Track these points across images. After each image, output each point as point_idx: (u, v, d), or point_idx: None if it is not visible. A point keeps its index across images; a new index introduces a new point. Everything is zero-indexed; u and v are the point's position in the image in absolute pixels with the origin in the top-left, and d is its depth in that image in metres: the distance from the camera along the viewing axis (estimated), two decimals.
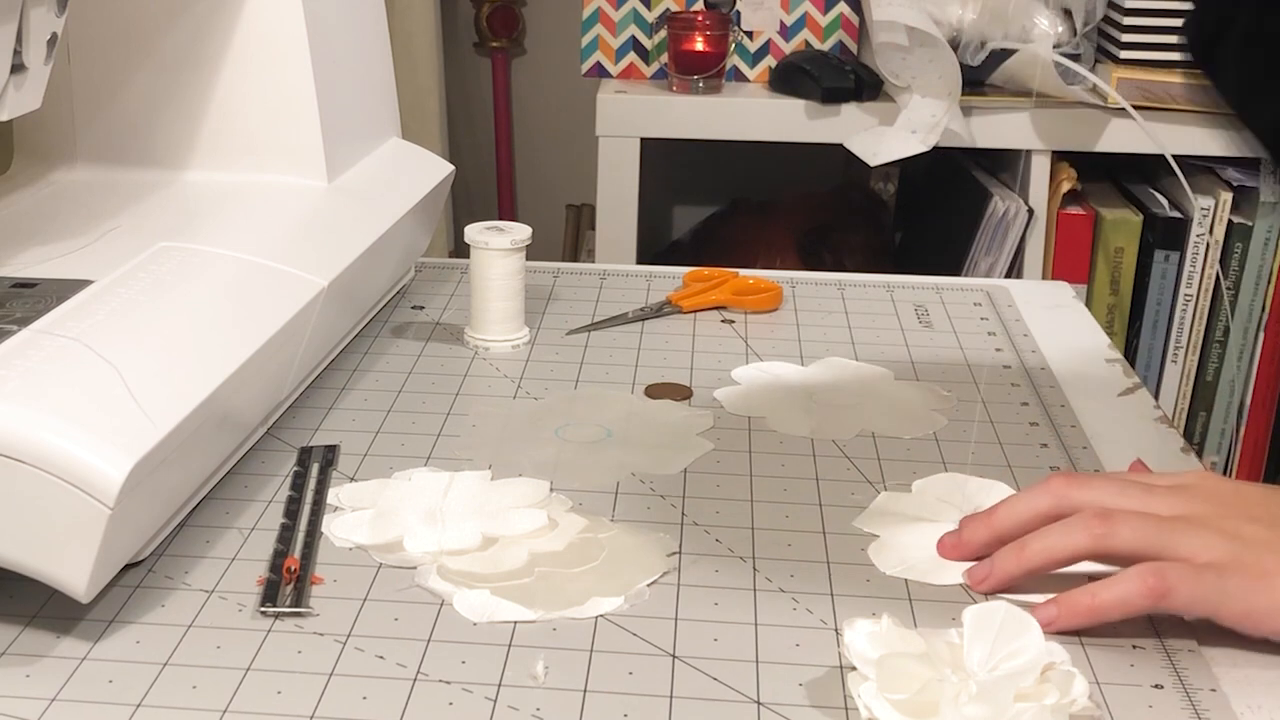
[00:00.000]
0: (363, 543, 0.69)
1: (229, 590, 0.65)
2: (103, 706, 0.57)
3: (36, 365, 0.64)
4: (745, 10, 1.84)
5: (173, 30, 0.89)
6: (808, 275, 1.09)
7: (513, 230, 0.93)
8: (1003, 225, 1.77)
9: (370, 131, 1.00)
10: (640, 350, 0.94)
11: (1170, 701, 0.58)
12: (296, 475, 0.75)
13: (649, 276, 1.08)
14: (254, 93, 0.90)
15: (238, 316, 0.75)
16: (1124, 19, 1.73)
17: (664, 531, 0.70)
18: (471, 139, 2.44)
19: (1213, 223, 1.75)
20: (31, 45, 0.71)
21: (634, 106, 1.80)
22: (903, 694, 0.55)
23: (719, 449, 0.80)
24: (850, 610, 0.64)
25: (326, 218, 0.89)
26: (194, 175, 0.91)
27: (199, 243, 0.80)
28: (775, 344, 0.96)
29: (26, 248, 0.79)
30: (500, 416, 0.84)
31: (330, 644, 0.61)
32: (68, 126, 0.92)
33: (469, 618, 0.63)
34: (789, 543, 0.70)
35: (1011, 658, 0.57)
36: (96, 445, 0.60)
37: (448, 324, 0.98)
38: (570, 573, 0.67)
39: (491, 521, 0.70)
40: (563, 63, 2.28)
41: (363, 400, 0.85)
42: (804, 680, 0.59)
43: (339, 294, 0.83)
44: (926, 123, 1.70)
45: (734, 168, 2.19)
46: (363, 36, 0.99)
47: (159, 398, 0.64)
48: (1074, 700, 0.56)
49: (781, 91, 1.81)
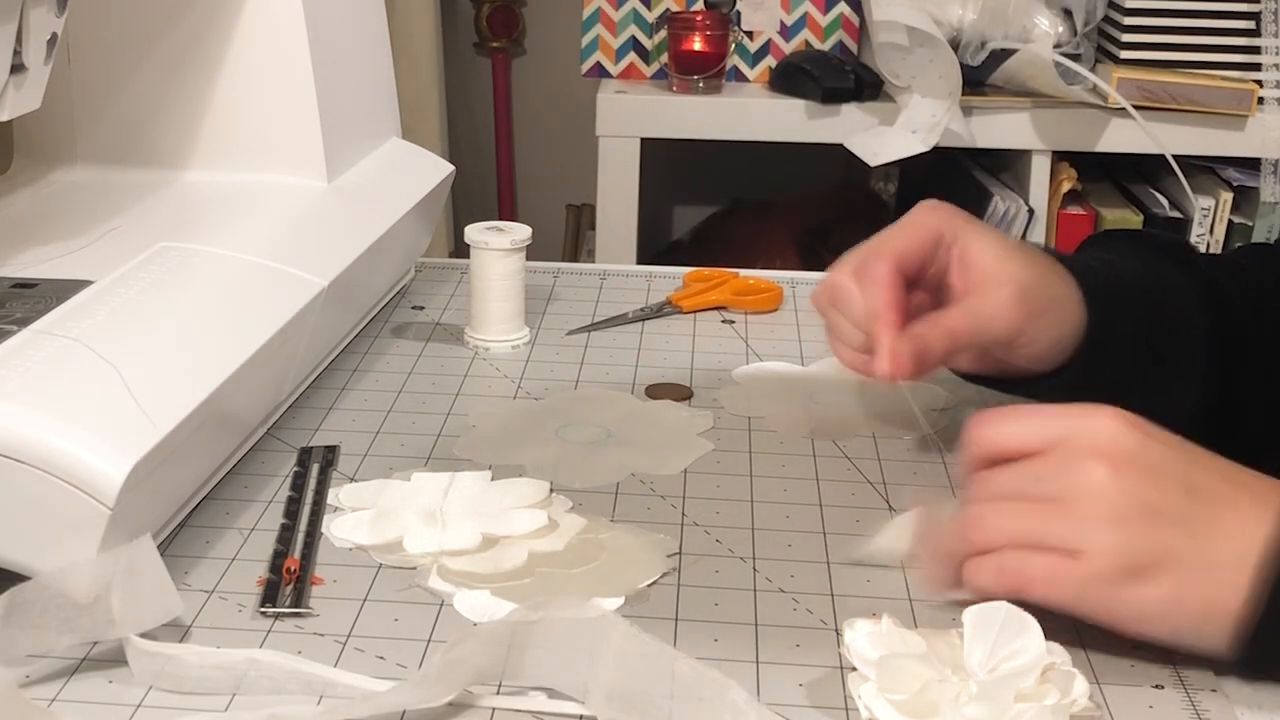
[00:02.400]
0: (363, 543, 0.69)
1: (229, 590, 0.65)
2: (103, 706, 0.57)
3: (36, 365, 0.64)
4: (745, 10, 1.84)
5: (173, 30, 0.89)
6: (808, 275, 1.09)
7: (513, 230, 0.93)
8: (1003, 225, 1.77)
9: (370, 131, 1.00)
10: (640, 350, 0.94)
11: (1170, 701, 0.58)
12: (296, 475, 0.75)
13: (649, 276, 1.08)
14: (254, 93, 0.90)
15: (238, 316, 0.75)
16: (1124, 19, 1.73)
17: (664, 532, 0.70)
18: (471, 139, 2.44)
19: (1213, 223, 1.75)
20: (31, 45, 0.71)
21: (634, 106, 1.80)
22: (903, 694, 0.55)
23: (719, 449, 0.80)
24: (850, 610, 0.64)
25: (326, 218, 0.89)
26: (194, 175, 0.91)
27: (199, 243, 0.80)
28: (775, 344, 0.96)
29: (26, 248, 0.79)
30: (500, 416, 0.84)
31: (330, 644, 0.61)
32: (68, 126, 0.92)
33: (469, 618, 0.63)
34: (789, 543, 0.70)
35: (1012, 658, 0.57)
36: (96, 445, 0.60)
37: (448, 324, 0.98)
38: (570, 573, 0.67)
39: (491, 522, 0.70)
40: (563, 63, 2.28)
41: (363, 400, 0.85)
42: (804, 680, 0.59)
43: (339, 294, 0.83)
44: (926, 123, 1.70)
45: (734, 168, 2.20)
46: (363, 36, 0.99)
47: (159, 398, 0.64)
48: (1074, 700, 0.56)
49: (781, 91, 1.81)
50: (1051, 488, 0.60)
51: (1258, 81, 1.72)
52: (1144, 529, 0.58)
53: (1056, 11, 1.75)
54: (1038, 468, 0.61)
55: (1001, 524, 0.61)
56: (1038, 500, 0.60)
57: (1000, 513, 0.61)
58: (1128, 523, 0.58)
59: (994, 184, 1.82)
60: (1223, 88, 1.71)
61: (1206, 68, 1.74)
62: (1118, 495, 0.58)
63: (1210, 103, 1.71)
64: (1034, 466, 0.61)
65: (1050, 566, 0.59)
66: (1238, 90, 1.71)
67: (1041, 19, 1.74)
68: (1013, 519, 0.60)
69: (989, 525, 0.61)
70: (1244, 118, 1.72)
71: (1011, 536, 0.60)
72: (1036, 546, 0.59)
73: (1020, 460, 0.61)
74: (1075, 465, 0.60)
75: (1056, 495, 0.59)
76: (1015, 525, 0.60)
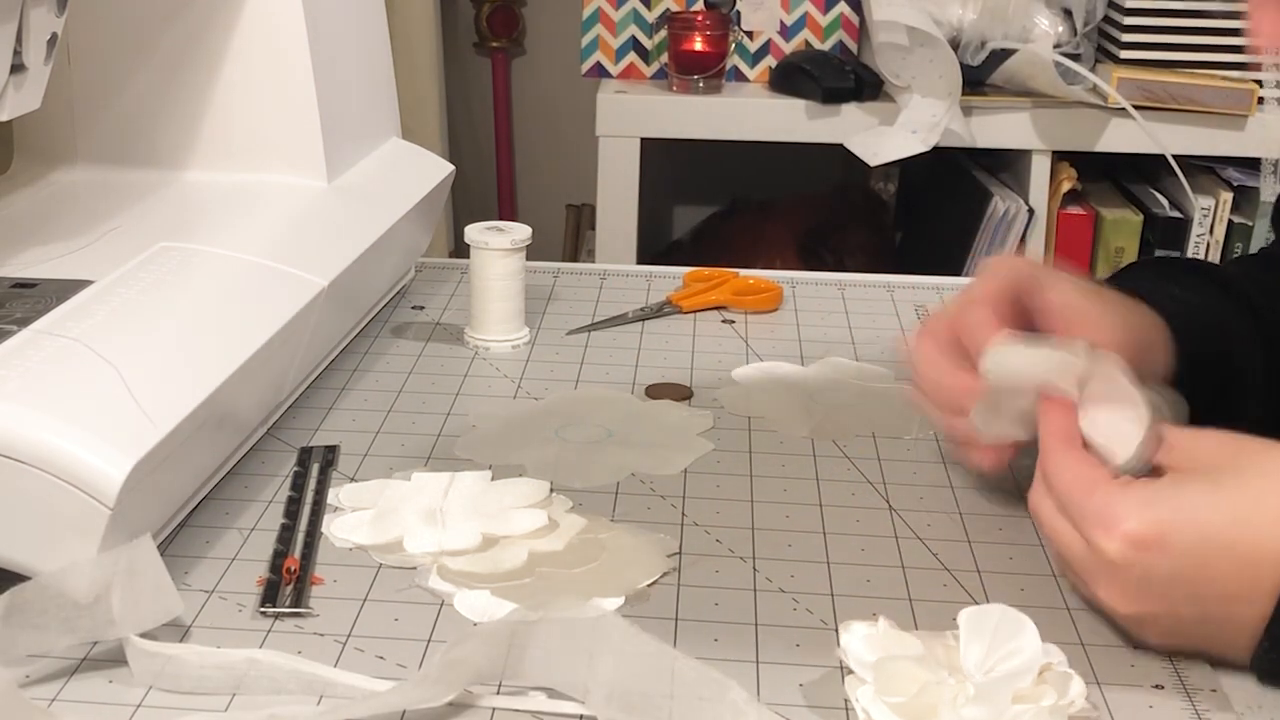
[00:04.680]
0: (363, 543, 0.69)
1: (229, 590, 0.65)
2: (103, 706, 0.57)
3: (36, 365, 0.64)
4: (745, 10, 1.84)
5: (173, 30, 0.89)
6: (808, 275, 1.09)
7: (513, 230, 0.93)
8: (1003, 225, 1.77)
9: (370, 131, 1.00)
10: (640, 350, 0.94)
11: (1170, 701, 0.58)
12: (296, 475, 0.75)
13: (649, 276, 1.08)
14: (254, 93, 0.90)
15: (238, 316, 0.75)
16: (1124, 19, 1.73)
17: (664, 531, 0.70)
18: (471, 139, 2.44)
19: (1213, 223, 1.75)
20: (31, 45, 0.71)
21: (634, 106, 1.80)
22: (900, 697, 0.55)
23: (719, 449, 0.80)
24: (850, 611, 0.64)
25: (326, 218, 0.89)
26: (194, 175, 0.91)
27: (199, 243, 0.80)
28: (775, 344, 0.96)
29: (26, 248, 0.79)
30: (500, 416, 0.84)
31: (330, 644, 0.61)
32: (68, 126, 0.92)
33: (469, 618, 0.63)
34: (789, 543, 0.70)
35: (1008, 659, 0.57)
36: (97, 446, 0.60)
37: (448, 324, 0.98)
38: (570, 573, 0.67)
39: (491, 522, 0.70)
40: (563, 63, 2.28)
41: (363, 400, 0.85)
42: (804, 681, 0.59)
43: (339, 294, 0.83)
44: (927, 123, 1.70)
45: (734, 168, 2.20)
46: (363, 36, 0.99)
47: (159, 398, 0.64)
48: (1072, 701, 0.56)
49: (781, 91, 1.81)
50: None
51: (1258, 81, 1.72)
52: (1154, 617, 0.61)
53: (1056, 11, 1.75)
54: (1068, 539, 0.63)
55: (1044, 525, 0.64)
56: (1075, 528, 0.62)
57: (1046, 517, 0.64)
58: (1139, 605, 0.61)
59: (994, 184, 1.82)
60: (1223, 88, 1.71)
61: (1206, 68, 1.74)
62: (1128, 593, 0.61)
63: (1210, 103, 1.71)
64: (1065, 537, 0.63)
65: (1075, 578, 0.64)
66: (1238, 90, 1.71)
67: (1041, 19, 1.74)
68: (1052, 531, 0.64)
69: (1041, 522, 0.64)
70: (1244, 118, 1.72)
71: (1051, 539, 0.64)
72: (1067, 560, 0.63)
73: None
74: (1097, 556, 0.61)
75: None
76: (1053, 537, 0.64)
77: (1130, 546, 0.59)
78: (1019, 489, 0.75)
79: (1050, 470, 0.63)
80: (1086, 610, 0.64)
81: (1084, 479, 0.62)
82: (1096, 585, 0.61)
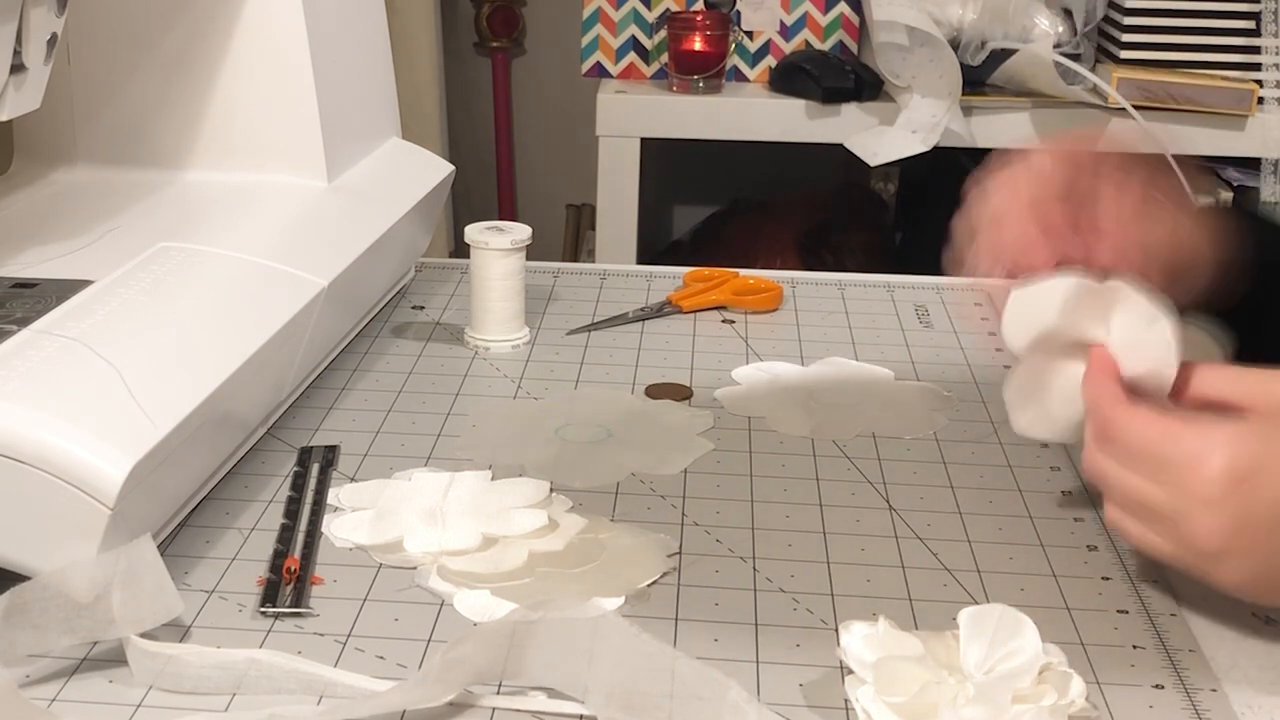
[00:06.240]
0: (363, 543, 0.69)
1: (229, 590, 0.65)
2: (103, 706, 0.57)
3: (36, 365, 0.64)
4: (745, 10, 1.84)
5: (173, 30, 0.89)
6: (808, 275, 1.09)
7: (513, 230, 0.93)
8: None
9: (370, 131, 1.00)
10: (640, 350, 0.94)
11: (1170, 701, 0.58)
12: (296, 475, 0.75)
13: (649, 276, 1.08)
14: (254, 93, 0.90)
15: (238, 316, 0.75)
16: (1124, 19, 1.73)
17: (664, 531, 0.71)
18: (471, 139, 2.44)
19: None
20: (31, 45, 0.71)
21: (634, 106, 1.80)
22: (900, 697, 0.55)
23: (719, 449, 0.80)
24: (850, 611, 0.64)
25: (326, 218, 0.89)
26: (194, 175, 0.91)
27: (199, 243, 0.80)
28: (775, 344, 0.96)
29: (26, 248, 0.79)
30: (500, 416, 0.84)
31: (330, 644, 0.61)
32: (68, 126, 0.92)
33: (469, 618, 0.63)
34: (789, 543, 0.70)
35: (1008, 659, 0.57)
36: (97, 445, 0.60)
37: (448, 324, 0.98)
38: (570, 573, 0.67)
39: (491, 521, 0.70)
40: (563, 63, 2.28)
41: (363, 400, 0.85)
42: (804, 681, 0.59)
43: (339, 294, 0.83)
44: (927, 123, 1.70)
45: (734, 168, 2.20)
46: (363, 36, 0.99)
47: (159, 398, 0.64)
48: (1072, 701, 0.56)
49: (781, 91, 1.81)
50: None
51: (1258, 81, 1.72)
52: (1247, 551, 0.60)
53: (1056, 11, 1.75)
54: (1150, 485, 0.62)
55: (1110, 482, 0.64)
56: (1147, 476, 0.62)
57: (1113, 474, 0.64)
58: (1234, 539, 0.60)
59: None
60: (1223, 88, 1.71)
61: (1206, 68, 1.74)
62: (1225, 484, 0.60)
63: (1210, 103, 1.70)
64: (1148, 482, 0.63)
65: (1145, 536, 0.63)
66: (1238, 90, 1.71)
67: (1041, 19, 1.74)
68: (1124, 485, 0.63)
69: (1108, 482, 0.64)
70: (1244, 118, 1.72)
71: (1121, 495, 0.64)
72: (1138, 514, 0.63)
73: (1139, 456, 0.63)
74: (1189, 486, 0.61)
75: None
76: (1126, 490, 0.63)
77: (1229, 479, 0.59)
78: (1017, 486, 0.76)
79: (1117, 434, 0.63)
80: (1087, 610, 0.64)
81: (1160, 430, 0.62)
82: (1187, 523, 0.60)
